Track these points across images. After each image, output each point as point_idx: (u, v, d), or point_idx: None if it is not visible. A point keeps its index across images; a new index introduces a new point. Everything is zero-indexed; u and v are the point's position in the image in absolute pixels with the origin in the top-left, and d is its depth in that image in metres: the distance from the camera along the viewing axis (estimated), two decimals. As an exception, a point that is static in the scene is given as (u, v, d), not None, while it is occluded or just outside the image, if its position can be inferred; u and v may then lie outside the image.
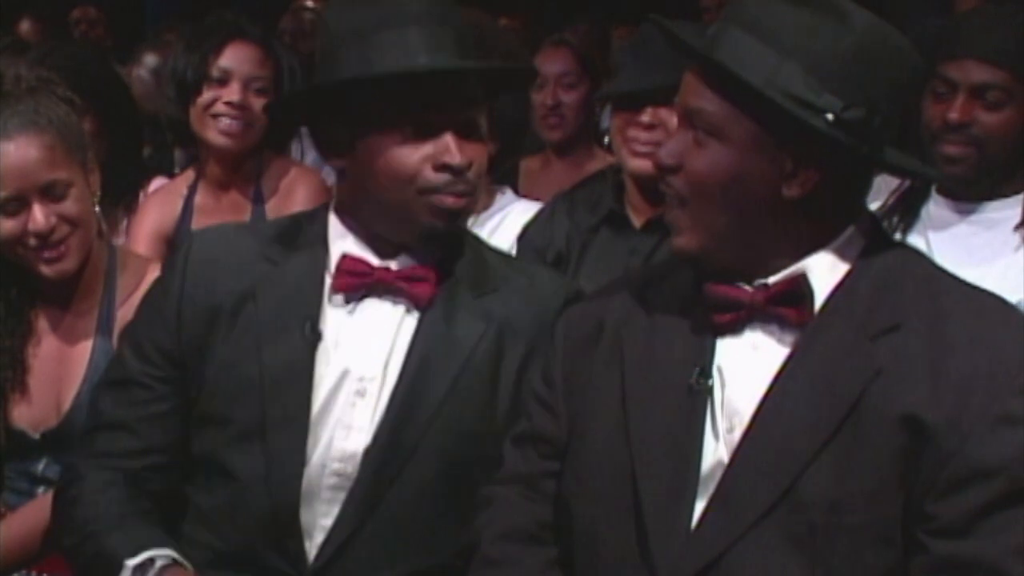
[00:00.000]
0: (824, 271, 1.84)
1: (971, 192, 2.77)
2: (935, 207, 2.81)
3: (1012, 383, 1.74)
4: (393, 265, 2.20)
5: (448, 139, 2.15)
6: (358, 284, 2.19)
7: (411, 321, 2.19)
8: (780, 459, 1.78)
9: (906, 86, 1.84)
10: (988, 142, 2.69)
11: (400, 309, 2.19)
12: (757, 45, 1.78)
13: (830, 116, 1.76)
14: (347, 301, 2.19)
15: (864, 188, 1.92)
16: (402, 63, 2.13)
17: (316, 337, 2.17)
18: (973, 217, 2.76)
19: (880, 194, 2.95)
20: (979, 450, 1.72)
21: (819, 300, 1.83)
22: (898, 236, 2.78)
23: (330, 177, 3.45)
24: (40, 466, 2.57)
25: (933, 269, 1.92)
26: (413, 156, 2.14)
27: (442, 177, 2.15)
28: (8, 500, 2.57)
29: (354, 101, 2.17)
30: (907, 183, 2.88)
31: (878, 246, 1.87)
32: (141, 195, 3.51)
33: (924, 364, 1.75)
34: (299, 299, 2.19)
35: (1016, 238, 2.73)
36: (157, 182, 3.68)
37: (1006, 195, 2.76)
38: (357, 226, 2.22)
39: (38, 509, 2.44)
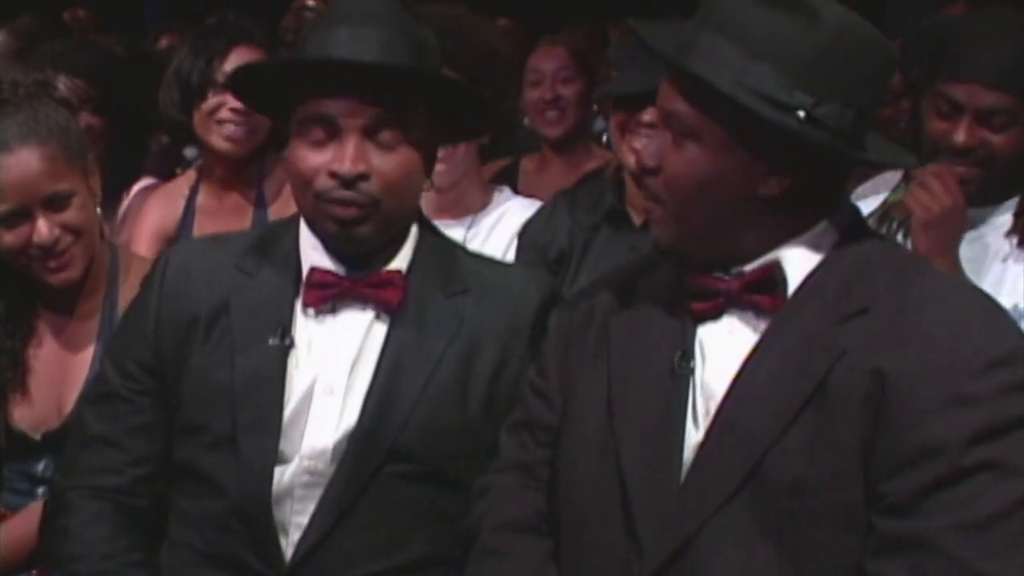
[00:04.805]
0: (798, 259, 1.86)
1: (972, 201, 2.76)
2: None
3: (969, 365, 1.74)
4: (360, 273, 2.22)
5: (349, 146, 2.14)
6: (327, 296, 2.21)
7: (381, 326, 2.22)
8: (745, 441, 1.79)
9: (879, 76, 1.85)
10: (995, 161, 2.68)
11: (370, 315, 2.22)
12: (728, 46, 1.80)
13: (801, 114, 1.78)
14: (318, 312, 2.22)
15: (843, 179, 1.93)
16: (316, 55, 2.15)
17: (288, 344, 2.20)
18: (971, 223, 2.74)
19: (880, 192, 2.96)
20: (929, 429, 1.73)
21: (792, 287, 1.85)
22: (898, 239, 2.78)
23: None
24: (40, 467, 2.58)
25: (907, 258, 1.94)
26: (314, 160, 2.16)
27: (330, 184, 2.16)
28: (8, 500, 2.58)
29: (284, 100, 2.21)
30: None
31: (855, 236, 1.88)
32: (124, 195, 3.54)
33: (887, 346, 1.76)
34: (271, 308, 2.22)
35: (1009, 244, 2.72)
36: (143, 182, 3.69)
37: (1003, 200, 2.75)
38: (314, 228, 2.25)
39: (40, 511, 2.43)
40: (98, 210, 2.60)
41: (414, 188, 2.24)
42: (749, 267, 1.86)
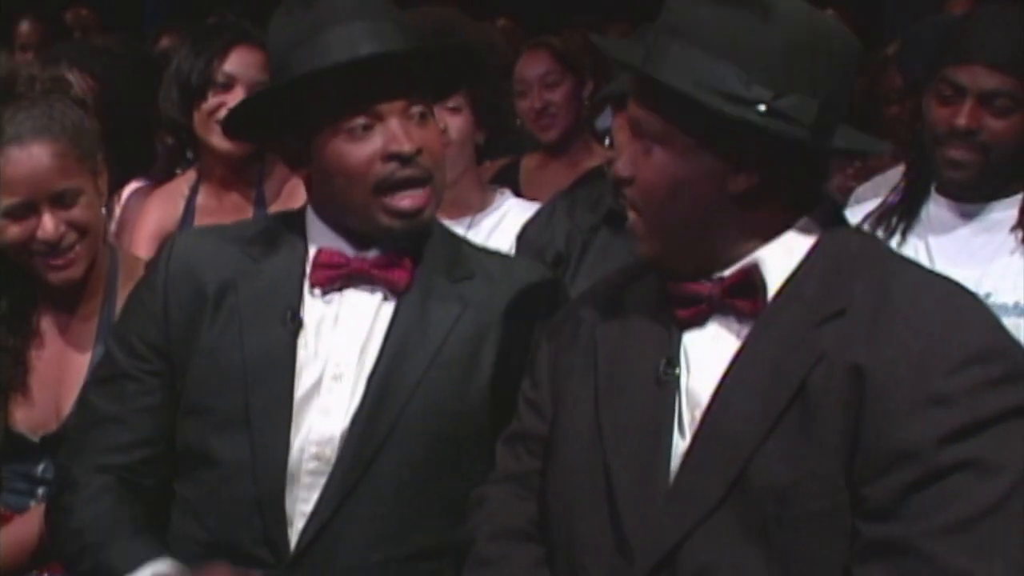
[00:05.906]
0: (776, 261, 1.86)
1: (973, 194, 2.77)
2: (935, 207, 2.80)
3: (944, 364, 1.73)
4: (368, 255, 2.24)
5: (394, 127, 2.17)
6: (335, 276, 2.23)
7: (388, 308, 2.23)
8: (729, 448, 1.79)
9: (841, 67, 1.84)
10: (994, 148, 2.68)
11: (378, 297, 2.24)
12: (686, 49, 1.81)
13: (761, 107, 1.78)
14: (326, 292, 2.23)
15: (818, 175, 1.93)
16: (346, 54, 2.15)
17: (297, 325, 2.21)
18: (973, 218, 2.76)
19: (879, 192, 2.97)
20: (905, 431, 1.72)
21: (772, 290, 1.85)
22: (897, 237, 2.79)
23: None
24: (39, 468, 2.57)
25: (886, 255, 1.93)
26: (363, 151, 2.17)
27: (392, 167, 2.18)
28: (8, 501, 2.57)
29: (303, 106, 2.21)
30: (904, 182, 2.89)
31: (834, 233, 1.88)
32: (116, 198, 3.54)
33: (864, 345, 1.75)
34: (279, 290, 2.24)
35: (1014, 239, 2.73)
36: (135, 184, 3.69)
37: (1007, 195, 2.75)
38: (332, 222, 2.26)
39: (42, 513, 2.43)
40: (103, 211, 2.60)
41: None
42: (728, 271, 1.87)
